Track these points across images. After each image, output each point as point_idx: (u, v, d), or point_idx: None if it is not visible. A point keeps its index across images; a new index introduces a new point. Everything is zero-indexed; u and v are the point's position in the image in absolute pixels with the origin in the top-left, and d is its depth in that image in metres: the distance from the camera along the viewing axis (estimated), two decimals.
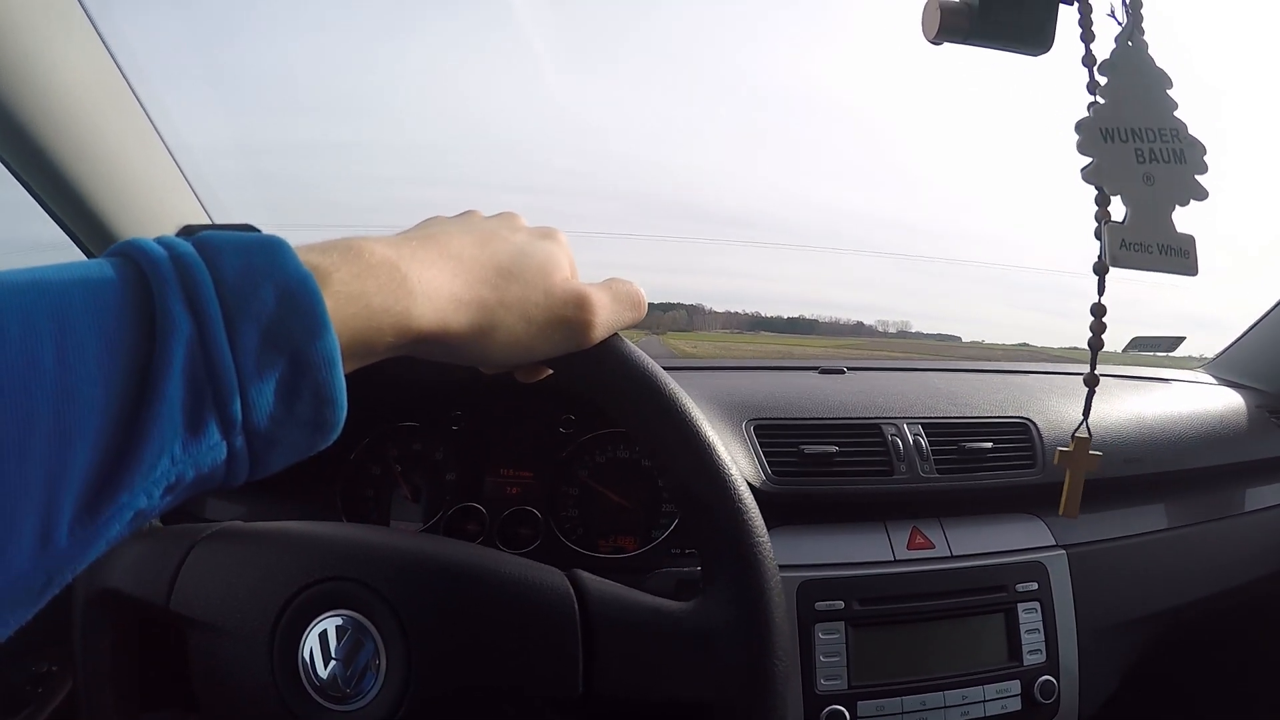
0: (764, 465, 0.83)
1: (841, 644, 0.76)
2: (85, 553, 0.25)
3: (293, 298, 0.28)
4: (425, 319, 0.35)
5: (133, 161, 0.86)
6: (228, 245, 0.28)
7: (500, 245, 0.41)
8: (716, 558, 0.46)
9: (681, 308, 2.96)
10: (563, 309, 0.42)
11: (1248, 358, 1.32)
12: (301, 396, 0.29)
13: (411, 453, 0.87)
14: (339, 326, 0.30)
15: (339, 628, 0.44)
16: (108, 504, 0.25)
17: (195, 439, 0.26)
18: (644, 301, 0.48)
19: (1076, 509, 0.58)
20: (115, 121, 0.83)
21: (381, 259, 0.34)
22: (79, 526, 0.24)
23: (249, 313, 0.27)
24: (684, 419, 0.46)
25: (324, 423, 0.31)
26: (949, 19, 0.55)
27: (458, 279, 0.38)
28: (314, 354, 0.29)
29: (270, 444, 0.29)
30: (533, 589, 0.45)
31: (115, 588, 0.49)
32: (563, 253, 0.44)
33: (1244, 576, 1.01)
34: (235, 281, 0.27)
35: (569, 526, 0.84)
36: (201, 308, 0.26)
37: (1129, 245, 0.51)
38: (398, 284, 0.34)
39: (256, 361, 0.28)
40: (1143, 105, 0.53)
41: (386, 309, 0.33)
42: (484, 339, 0.39)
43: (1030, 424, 0.94)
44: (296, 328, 0.28)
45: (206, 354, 0.26)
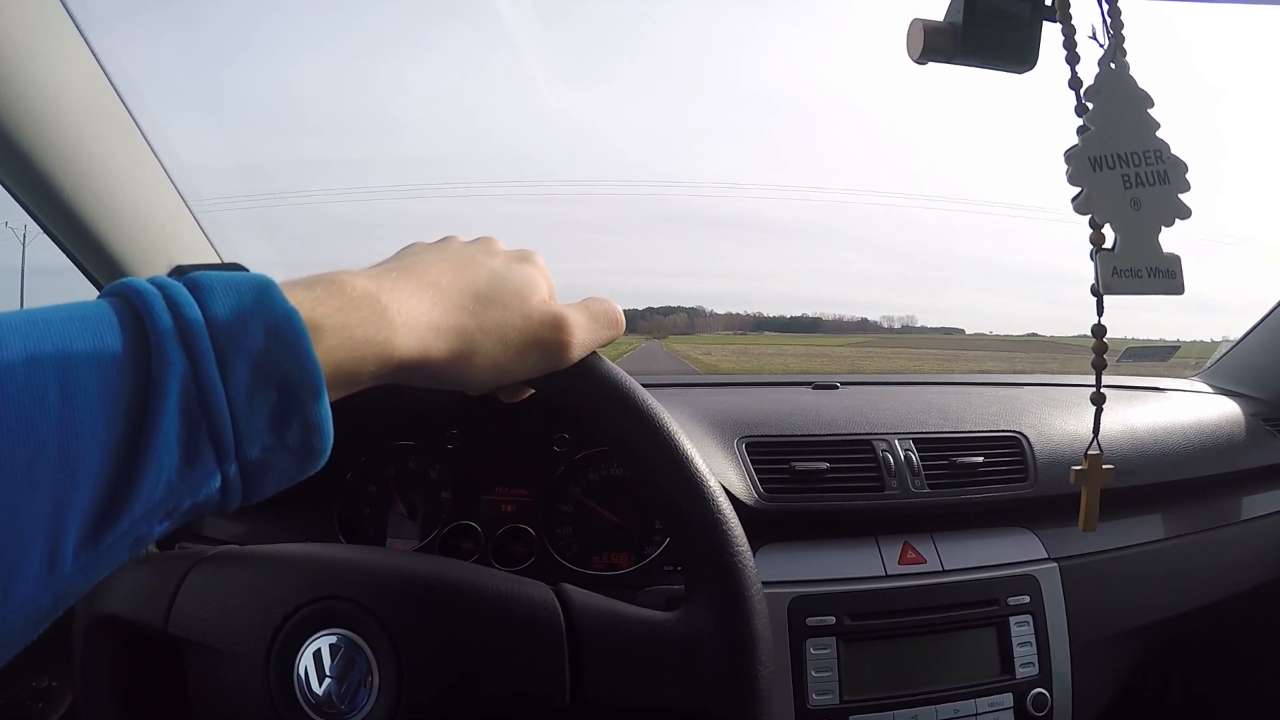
0: (755, 482, 0.84)
1: (833, 659, 0.77)
2: (89, 577, 0.27)
3: (280, 334, 0.30)
4: (406, 348, 0.36)
5: (131, 184, 0.87)
6: (218, 285, 0.30)
7: (477, 271, 0.42)
8: (697, 567, 0.47)
9: (682, 311, 2.97)
10: (540, 330, 0.43)
11: (1243, 366, 1.32)
12: (290, 426, 0.31)
13: (407, 471, 0.88)
14: (323, 359, 0.32)
15: (332, 646, 0.46)
16: (110, 530, 0.27)
17: (191, 468, 0.28)
18: (621, 319, 0.49)
19: (1095, 522, 0.60)
20: (113, 145, 0.84)
21: (362, 292, 0.35)
22: (83, 552, 0.26)
23: (239, 349, 0.29)
24: (661, 434, 0.47)
25: (312, 450, 0.32)
26: (932, 39, 0.56)
27: (436, 307, 0.39)
28: (301, 386, 0.31)
29: (262, 471, 0.31)
30: (519, 603, 0.46)
31: (114, 613, 0.51)
32: (540, 275, 0.45)
33: (1240, 585, 1.01)
34: (226, 320, 0.29)
35: (563, 544, 0.84)
36: (195, 346, 0.28)
37: (1120, 272, 0.52)
38: (379, 315, 0.35)
39: (248, 395, 0.29)
40: (1129, 129, 0.53)
41: (369, 340, 0.35)
42: (464, 364, 0.40)
43: (1022, 438, 0.94)
44: (285, 362, 0.30)
45: (200, 389, 0.28)
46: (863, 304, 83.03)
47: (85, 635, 0.52)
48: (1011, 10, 0.55)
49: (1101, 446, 0.57)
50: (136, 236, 0.88)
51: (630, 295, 13.29)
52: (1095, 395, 0.57)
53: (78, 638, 0.52)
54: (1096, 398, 0.57)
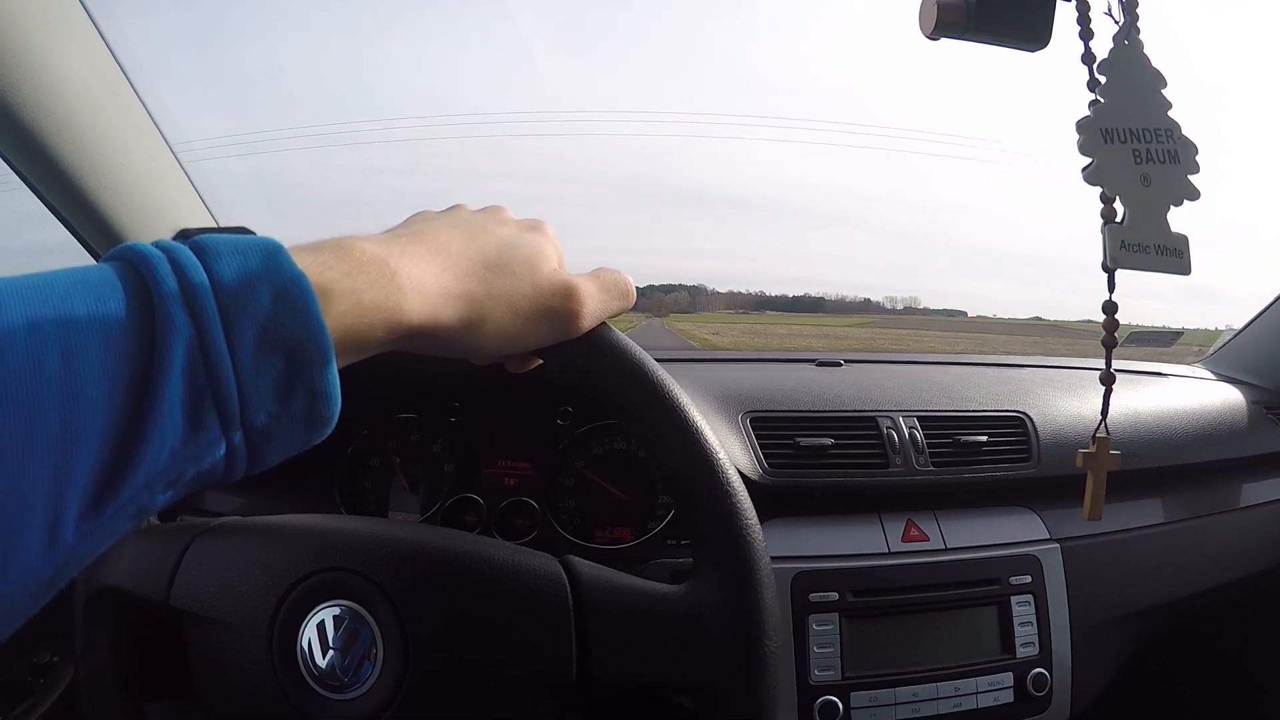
0: (759, 457, 0.84)
1: (835, 635, 0.77)
2: (91, 547, 0.27)
3: (287, 298, 0.30)
4: (415, 314, 0.36)
5: (134, 159, 0.87)
6: (224, 248, 0.30)
7: (487, 239, 0.42)
8: (706, 541, 0.47)
9: (683, 289, 2.97)
10: (550, 300, 0.43)
11: (1246, 353, 1.32)
12: (297, 393, 0.30)
13: (409, 444, 0.88)
14: (331, 324, 0.31)
15: (336, 618, 0.45)
16: (112, 500, 0.26)
17: (195, 436, 0.28)
18: (632, 290, 0.49)
19: (1100, 510, 0.59)
20: (116, 119, 0.83)
21: (372, 256, 0.35)
22: (85, 522, 0.25)
23: (246, 314, 0.29)
24: (671, 405, 0.47)
25: (319, 418, 0.32)
26: (946, 14, 0.56)
27: (446, 273, 0.38)
28: (308, 352, 0.30)
29: (267, 439, 0.30)
30: (526, 574, 0.46)
31: (115, 585, 0.50)
32: (550, 244, 0.45)
33: (1240, 572, 1.01)
34: (232, 284, 0.29)
35: (566, 517, 0.84)
36: (200, 310, 0.28)
37: (1129, 246, 0.52)
38: (388, 280, 0.35)
39: (254, 360, 0.29)
40: (1140, 106, 0.53)
41: (377, 305, 0.34)
42: (473, 331, 0.40)
43: (1026, 418, 0.94)
44: (291, 327, 0.30)
45: (205, 354, 0.28)
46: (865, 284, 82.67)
47: (86, 608, 0.51)
48: None
49: (1109, 429, 0.56)
50: (135, 206, 0.87)
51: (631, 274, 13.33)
52: (1104, 375, 0.56)
53: (78, 611, 0.52)
54: (1106, 378, 0.56)
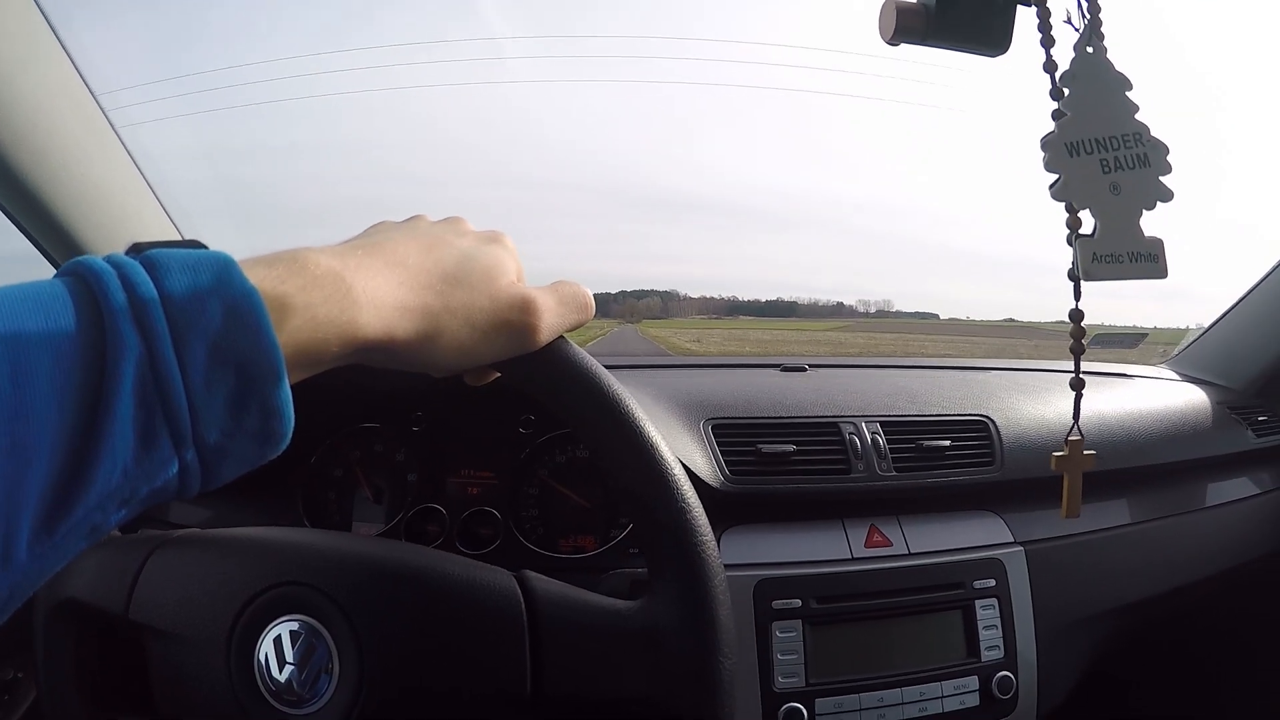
0: (721, 464, 0.83)
1: (799, 642, 0.77)
2: (45, 567, 0.26)
3: (238, 313, 0.29)
4: (371, 328, 0.36)
5: (94, 167, 0.86)
6: (175, 263, 0.29)
7: (445, 251, 0.42)
8: (660, 557, 0.47)
9: (655, 294, 2.96)
10: (507, 313, 0.42)
11: (1210, 354, 1.33)
12: (249, 410, 0.30)
13: (372, 454, 0.87)
14: (284, 339, 0.31)
15: (293, 632, 0.45)
16: (64, 519, 0.26)
17: (147, 454, 0.27)
18: (590, 303, 0.49)
19: (1078, 508, 0.60)
20: (76, 127, 0.82)
21: (326, 270, 0.34)
22: (37, 543, 0.25)
23: (196, 330, 0.28)
24: (626, 420, 0.47)
25: (272, 434, 0.32)
26: (905, 20, 0.56)
27: (403, 287, 0.38)
28: (260, 368, 0.30)
29: (220, 456, 0.30)
30: (480, 590, 0.46)
31: (75, 597, 0.50)
32: (509, 256, 0.45)
33: (1204, 571, 1.02)
34: (182, 299, 0.28)
35: (529, 526, 0.84)
36: (150, 326, 0.27)
37: (1100, 258, 0.51)
38: (343, 294, 0.34)
39: (205, 377, 0.28)
40: (1106, 113, 0.53)
41: (332, 320, 0.34)
42: (429, 345, 0.40)
43: (989, 421, 0.94)
44: (243, 343, 0.29)
45: (156, 371, 0.27)
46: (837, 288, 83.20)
47: (47, 621, 0.51)
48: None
49: (1082, 431, 0.57)
50: (97, 216, 0.87)
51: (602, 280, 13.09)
52: (1075, 380, 0.57)
53: (39, 624, 0.51)
54: (1076, 383, 0.57)
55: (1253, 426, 1.16)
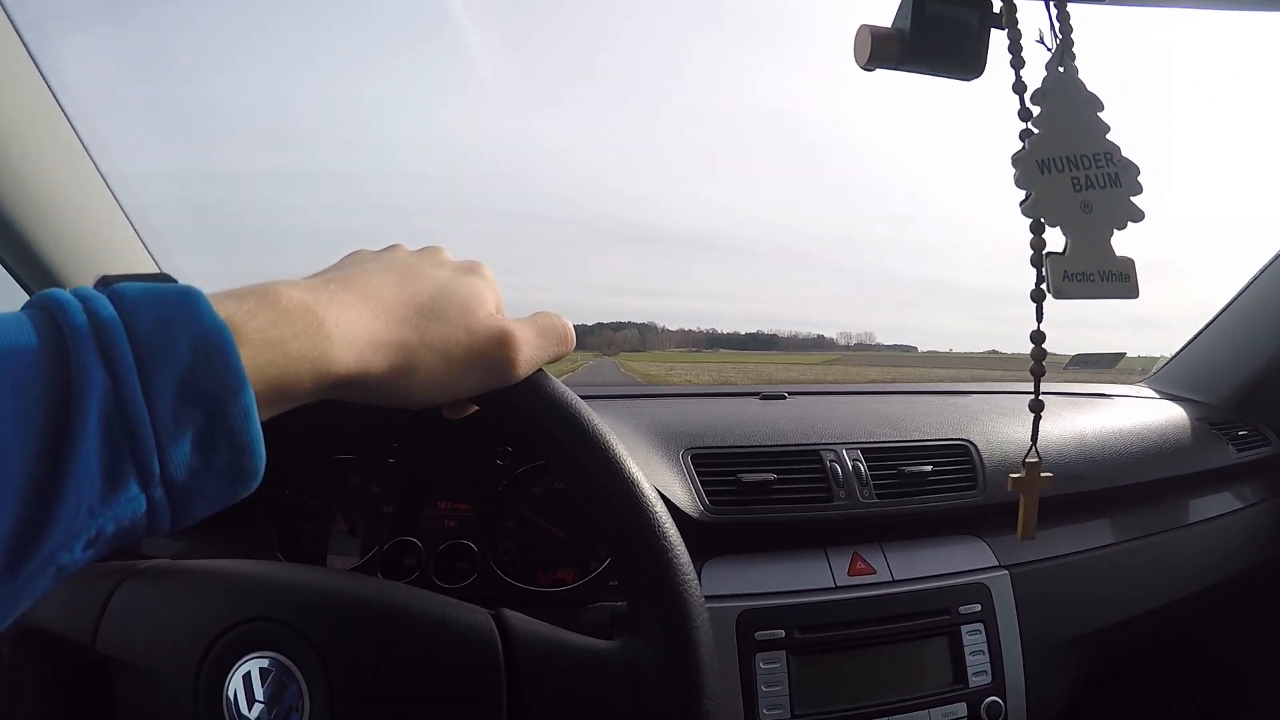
0: (701, 495, 0.83)
1: (783, 673, 0.76)
2: (10, 608, 0.26)
3: (207, 349, 0.28)
4: (343, 363, 0.35)
5: (69, 193, 0.85)
6: (142, 298, 0.28)
7: (422, 283, 0.41)
8: (641, 596, 0.46)
9: (633, 326, 2.97)
10: (484, 346, 0.42)
11: (1189, 371, 1.34)
12: (219, 447, 0.29)
13: (347, 486, 0.85)
14: (255, 375, 0.30)
15: (263, 669, 0.44)
16: (29, 560, 0.25)
17: (114, 493, 0.26)
18: (570, 335, 0.48)
19: (1033, 529, 0.59)
20: (52, 154, 0.82)
21: (298, 304, 0.33)
22: (0, 583, 0.24)
23: (164, 365, 0.27)
24: (606, 456, 0.46)
25: (243, 471, 0.31)
26: (880, 45, 0.56)
27: (378, 320, 0.37)
28: (229, 405, 0.29)
29: (190, 494, 0.29)
30: (456, 629, 0.44)
31: (41, 626, 0.48)
32: (487, 287, 0.44)
33: (1191, 588, 1.03)
34: (150, 334, 0.27)
35: (507, 560, 0.82)
36: (116, 362, 0.26)
37: (1071, 276, 0.51)
38: (315, 329, 0.34)
39: (173, 414, 0.28)
40: (1077, 132, 0.53)
41: (304, 355, 0.33)
42: (404, 380, 0.39)
43: (970, 445, 0.94)
44: (212, 379, 0.28)
45: (122, 408, 0.26)
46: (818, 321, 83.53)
47: (12, 649, 0.49)
48: (959, 17, 0.55)
49: (1040, 454, 0.57)
50: (72, 244, 0.86)
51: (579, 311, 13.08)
52: (1034, 402, 0.56)
53: (4, 651, 0.50)
54: (1035, 405, 0.56)
55: (1233, 441, 1.17)
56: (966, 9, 0.56)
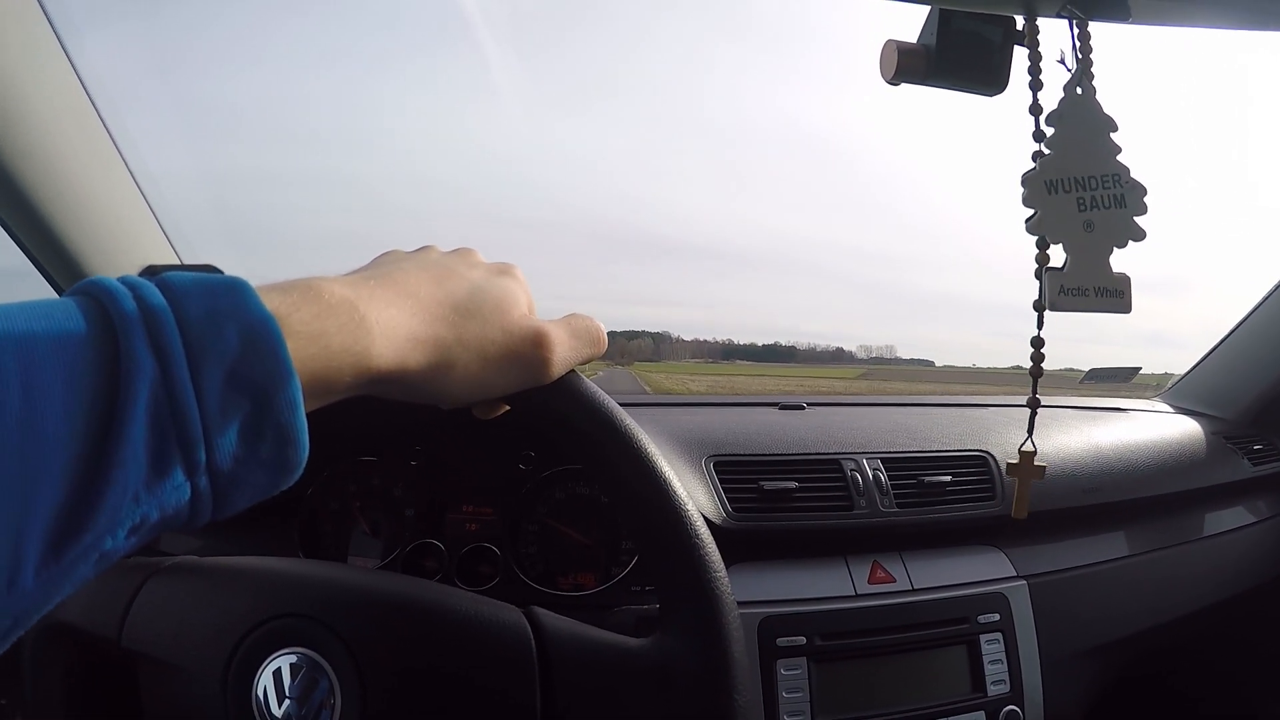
0: (724, 501, 0.83)
1: (804, 679, 0.76)
2: (51, 594, 0.26)
3: (255, 339, 0.29)
4: (384, 358, 0.35)
5: (97, 187, 0.86)
6: (192, 287, 0.29)
7: (457, 283, 0.41)
8: (674, 594, 0.46)
9: (647, 336, 2.96)
10: (520, 346, 0.42)
11: (1203, 385, 1.35)
12: (264, 437, 0.29)
13: (370, 488, 0.86)
14: (299, 367, 0.30)
15: (293, 665, 0.44)
16: (73, 545, 0.25)
17: (159, 480, 0.27)
18: (603, 337, 0.48)
19: (1025, 510, 0.65)
20: (81, 147, 0.83)
21: (340, 299, 0.34)
22: (44, 568, 0.24)
23: (213, 355, 0.28)
24: (640, 455, 0.46)
25: (286, 463, 0.31)
26: (906, 61, 0.57)
27: (415, 317, 0.38)
28: (276, 395, 0.29)
29: (233, 484, 0.29)
30: (489, 626, 0.45)
31: (67, 621, 0.49)
32: (520, 289, 0.44)
33: (1205, 600, 1.03)
34: (199, 323, 0.28)
35: (528, 563, 0.83)
36: (166, 349, 0.27)
37: (1067, 291, 0.53)
38: (356, 324, 0.34)
39: (220, 403, 0.28)
40: (1087, 154, 0.54)
41: (346, 349, 0.33)
42: (442, 377, 0.39)
43: (989, 456, 0.95)
44: (259, 369, 0.29)
45: (171, 396, 0.27)
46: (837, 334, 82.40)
47: (36, 643, 0.50)
48: (984, 34, 0.56)
49: (1035, 445, 0.62)
50: (99, 238, 0.87)
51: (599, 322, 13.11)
52: (1031, 400, 0.61)
53: (28, 646, 0.50)
54: (1032, 401, 0.61)
55: (1248, 455, 1.17)
56: (991, 26, 0.57)
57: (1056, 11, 0.54)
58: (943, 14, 0.57)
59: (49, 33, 0.75)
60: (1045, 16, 0.55)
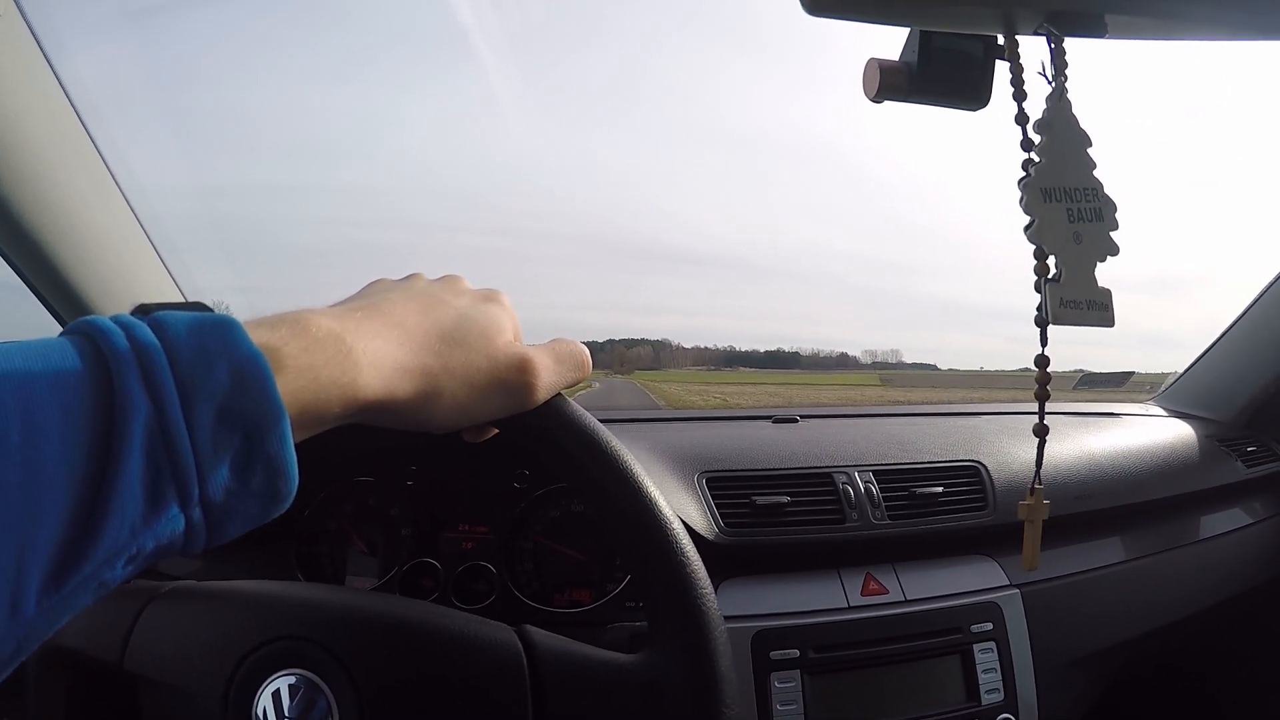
0: (716, 517, 0.84)
1: (798, 692, 0.76)
2: (52, 621, 0.27)
3: (245, 376, 0.30)
4: (371, 389, 0.36)
5: (92, 211, 0.87)
6: (182, 326, 0.30)
7: (443, 311, 0.42)
8: (660, 610, 0.47)
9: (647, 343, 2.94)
10: (505, 373, 0.43)
11: (1197, 388, 1.35)
12: (255, 470, 0.30)
13: (366, 509, 0.87)
14: (288, 400, 0.31)
15: (292, 686, 0.45)
16: (73, 574, 0.26)
17: (155, 513, 0.28)
18: (587, 361, 0.49)
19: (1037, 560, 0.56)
20: (75, 172, 0.83)
21: (328, 332, 0.35)
22: (45, 597, 0.25)
23: (204, 392, 0.29)
24: (624, 476, 0.47)
25: (276, 493, 0.32)
26: (888, 78, 0.57)
27: (402, 347, 0.39)
28: (267, 430, 0.30)
29: (226, 514, 0.30)
30: (482, 645, 0.46)
31: (69, 646, 0.50)
32: (506, 315, 0.45)
33: (1202, 604, 1.03)
34: (190, 362, 0.29)
35: (524, 581, 0.83)
36: (159, 388, 0.28)
37: (1066, 303, 0.53)
38: (344, 356, 0.35)
39: (212, 438, 0.29)
40: (1073, 165, 0.54)
41: (334, 380, 0.34)
42: (429, 405, 0.40)
43: (980, 466, 0.95)
44: (249, 404, 0.30)
45: (165, 432, 0.28)
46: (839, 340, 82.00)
47: (39, 668, 0.50)
48: (965, 50, 0.57)
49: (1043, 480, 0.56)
50: (96, 263, 0.88)
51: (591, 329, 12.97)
52: (1038, 427, 0.54)
53: (31, 670, 0.51)
54: (1039, 429, 0.55)
55: (1242, 457, 1.18)
56: (971, 42, 0.57)
57: (1033, 30, 0.55)
58: (923, 32, 0.57)
59: (37, 54, 0.76)
60: (1023, 35, 0.56)
